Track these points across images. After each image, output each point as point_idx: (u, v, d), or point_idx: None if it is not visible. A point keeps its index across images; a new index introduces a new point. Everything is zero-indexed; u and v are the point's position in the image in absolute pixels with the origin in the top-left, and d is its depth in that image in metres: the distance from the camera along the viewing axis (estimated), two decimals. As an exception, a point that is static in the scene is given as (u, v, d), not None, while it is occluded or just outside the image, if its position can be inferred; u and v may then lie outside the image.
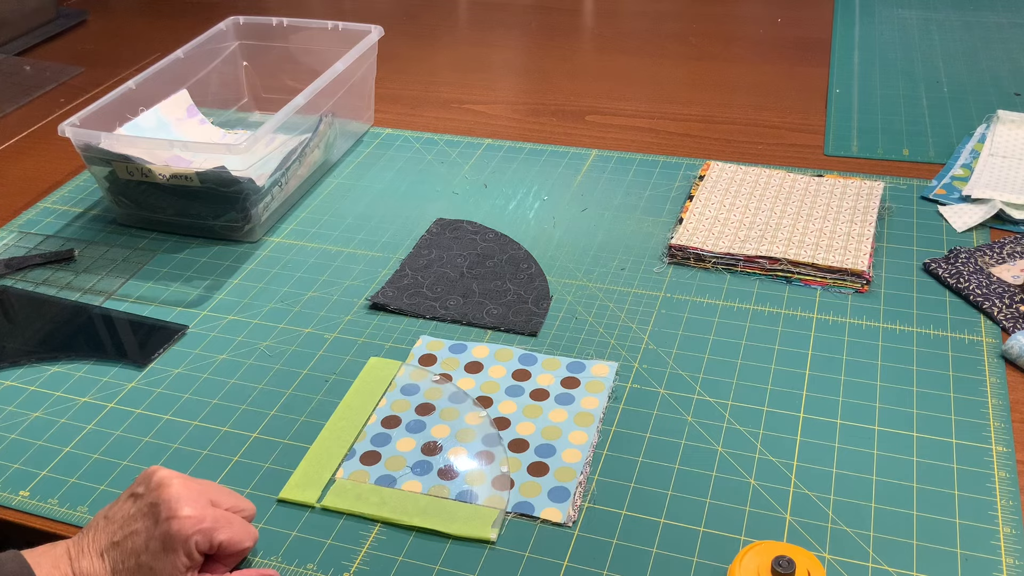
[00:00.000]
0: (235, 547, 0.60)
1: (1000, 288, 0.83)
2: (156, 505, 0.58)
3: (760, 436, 0.70)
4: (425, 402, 0.75)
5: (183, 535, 0.57)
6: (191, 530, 0.57)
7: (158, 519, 0.58)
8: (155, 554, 0.57)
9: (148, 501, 0.59)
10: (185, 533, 0.57)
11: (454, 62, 1.40)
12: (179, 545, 0.57)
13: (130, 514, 0.59)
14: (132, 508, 0.59)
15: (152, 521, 0.58)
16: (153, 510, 0.58)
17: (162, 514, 0.57)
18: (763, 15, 1.51)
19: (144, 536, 0.58)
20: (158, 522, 0.57)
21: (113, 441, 0.73)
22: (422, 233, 0.96)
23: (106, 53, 1.47)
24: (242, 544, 0.60)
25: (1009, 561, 0.60)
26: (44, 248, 0.97)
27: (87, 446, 0.73)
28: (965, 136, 1.09)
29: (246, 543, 0.61)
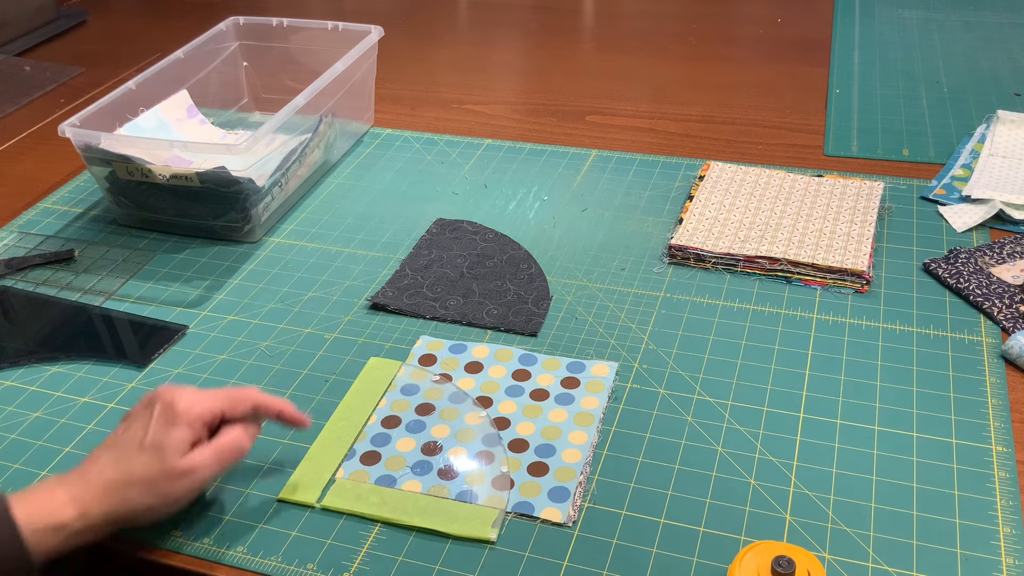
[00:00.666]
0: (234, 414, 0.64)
1: (1000, 288, 0.83)
2: (149, 402, 0.62)
3: (760, 436, 0.70)
4: (425, 402, 0.75)
5: (185, 406, 0.61)
6: (189, 402, 0.61)
7: (154, 408, 0.61)
8: (157, 431, 0.60)
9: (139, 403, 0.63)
10: (183, 405, 0.61)
11: (454, 62, 1.40)
12: (182, 416, 0.61)
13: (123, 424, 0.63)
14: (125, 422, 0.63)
15: (148, 413, 0.62)
16: (146, 407, 0.62)
17: (159, 400, 0.62)
18: (763, 15, 1.51)
19: (141, 425, 0.61)
20: (155, 411, 0.61)
21: (113, 441, 0.73)
22: (422, 233, 0.96)
23: (106, 53, 1.47)
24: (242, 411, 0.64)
25: (1009, 561, 0.60)
26: (44, 248, 0.97)
27: (87, 446, 0.73)
28: (965, 136, 1.09)
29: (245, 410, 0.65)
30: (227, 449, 0.62)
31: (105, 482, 0.59)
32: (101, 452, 0.61)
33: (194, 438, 0.61)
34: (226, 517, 0.66)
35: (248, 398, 0.64)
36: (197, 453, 0.61)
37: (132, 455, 0.60)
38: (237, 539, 0.64)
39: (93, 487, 0.59)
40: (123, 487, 0.59)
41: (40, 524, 0.57)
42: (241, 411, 0.64)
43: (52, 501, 0.58)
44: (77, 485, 0.59)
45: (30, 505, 0.57)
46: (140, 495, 0.59)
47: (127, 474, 0.59)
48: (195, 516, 0.66)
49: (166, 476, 0.60)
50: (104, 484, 0.59)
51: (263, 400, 0.65)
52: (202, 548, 0.64)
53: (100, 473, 0.60)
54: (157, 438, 0.60)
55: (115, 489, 0.59)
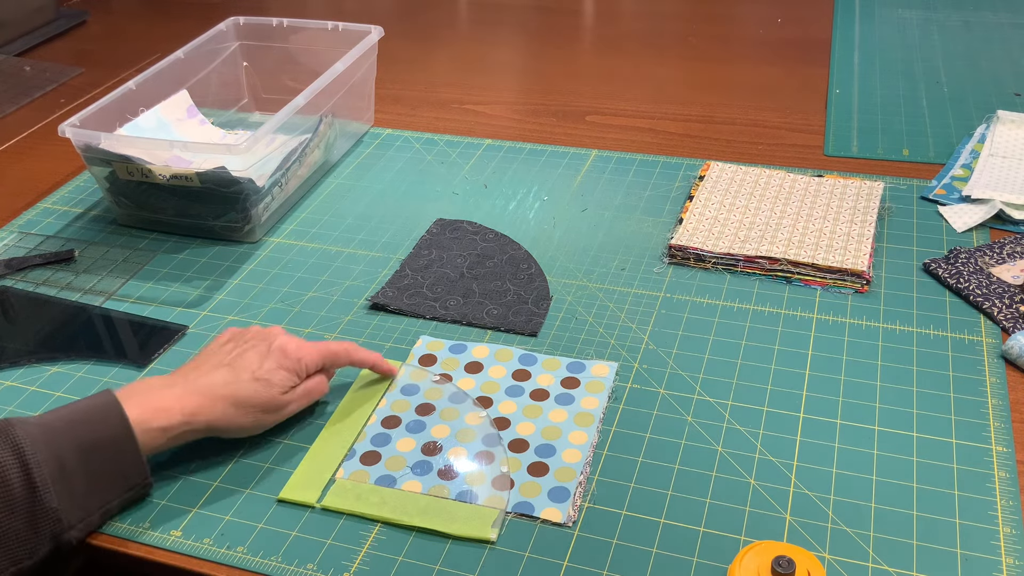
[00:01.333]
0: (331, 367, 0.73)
1: (1000, 288, 0.83)
2: (265, 339, 0.71)
3: (760, 436, 0.70)
4: (425, 402, 0.75)
5: (296, 355, 0.70)
6: (299, 351, 0.70)
7: (270, 346, 0.70)
8: (270, 370, 0.68)
9: (256, 336, 0.71)
10: (299, 354, 0.70)
11: (454, 62, 1.40)
12: (293, 364, 0.69)
13: (235, 347, 0.70)
14: (235, 345, 0.71)
15: (264, 348, 0.70)
16: (263, 342, 0.70)
17: (274, 343, 0.70)
18: (763, 15, 1.51)
19: (256, 357, 0.69)
20: (271, 348, 0.69)
21: (113, 441, 0.73)
22: (422, 233, 0.96)
23: (106, 53, 1.47)
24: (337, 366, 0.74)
25: (1009, 561, 0.60)
26: (44, 248, 0.97)
27: (87, 446, 0.73)
28: (965, 136, 1.09)
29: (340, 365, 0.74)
30: (314, 392, 0.72)
31: (215, 396, 0.66)
32: (210, 368, 0.68)
33: (296, 381, 0.70)
34: (226, 517, 0.66)
35: (345, 356, 0.73)
36: (293, 392, 0.70)
37: (244, 381, 0.67)
38: (237, 539, 0.64)
39: (202, 396, 0.66)
40: (230, 404, 0.67)
41: (151, 425, 0.63)
42: (337, 365, 0.74)
43: (162, 403, 0.64)
44: (187, 392, 0.66)
45: (142, 406, 0.64)
46: (241, 415, 0.67)
47: (236, 395, 0.67)
48: (195, 516, 0.66)
49: (267, 406, 0.68)
50: (214, 397, 0.66)
51: (359, 357, 0.74)
52: (202, 548, 0.64)
53: (211, 387, 0.67)
54: (269, 374, 0.68)
55: (222, 403, 0.66)
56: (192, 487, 0.68)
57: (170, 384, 0.67)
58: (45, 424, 0.60)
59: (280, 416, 0.70)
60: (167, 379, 0.68)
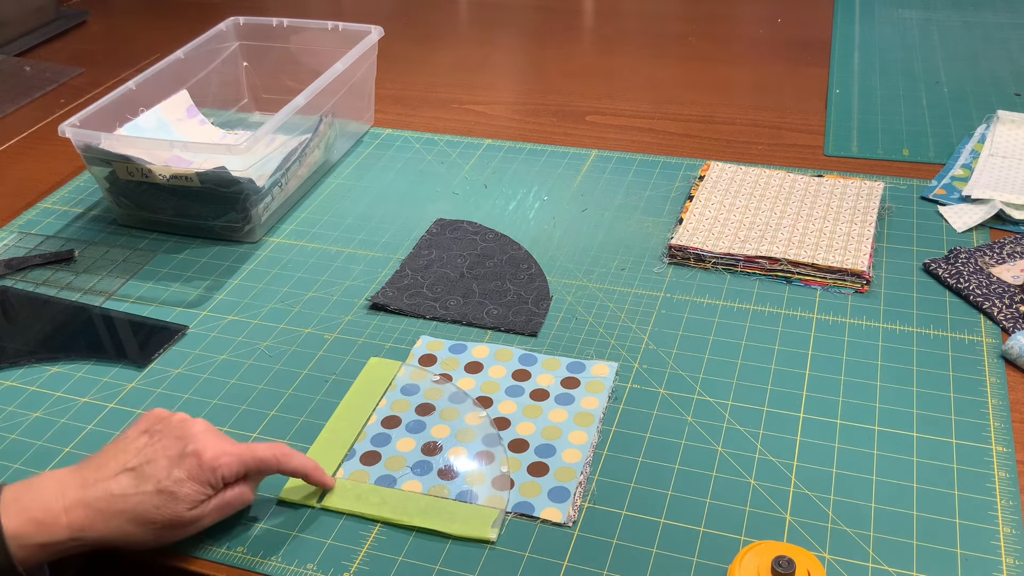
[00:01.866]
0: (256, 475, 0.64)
1: (1000, 288, 0.83)
2: (181, 439, 0.61)
3: (760, 436, 0.70)
4: (425, 402, 0.75)
5: (212, 464, 0.60)
6: (216, 458, 0.60)
7: (183, 450, 0.60)
8: (178, 481, 0.59)
9: (171, 435, 0.61)
10: (215, 464, 0.60)
11: (454, 62, 1.40)
12: (207, 474, 0.60)
13: (147, 444, 0.61)
14: (149, 440, 0.62)
15: (176, 451, 0.60)
16: (177, 443, 0.61)
17: (188, 446, 0.61)
18: (763, 15, 1.51)
19: (166, 464, 0.60)
20: (183, 453, 0.60)
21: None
22: (422, 233, 0.96)
23: (106, 53, 1.47)
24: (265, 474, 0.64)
25: (1009, 561, 0.60)
26: (44, 248, 0.97)
27: (87, 446, 0.73)
28: (965, 136, 1.09)
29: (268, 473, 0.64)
30: (232, 504, 0.63)
31: (110, 510, 0.59)
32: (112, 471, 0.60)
33: (208, 494, 0.61)
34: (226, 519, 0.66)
35: (274, 464, 0.63)
36: (204, 505, 0.61)
37: (147, 492, 0.59)
38: (237, 539, 0.64)
39: (94, 510, 0.58)
40: (126, 520, 0.59)
41: (30, 540, 0.56)
42: (263, 474, 0.64)
43: (46, 515, 0.57)
44: (79, 503, 0.58)
45: (21, 516, 0.57)
46: (139, 530, 0.59)
47: (134, 509, 0.59)
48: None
49: (171, 523, 0.60)
50: (108, 511, 0.59)
51: (291, 466, 0.64)
52: (202, 549, 0.64)
53: (107, 499, 0.59)
54: (175, 487, 0.59)
55: (118, 519, 0.59)
56: (192, 487, 0.68)
57: (62, 490, 0.59)
58: None
59: (187, 532, 0.62)
60: (65, 478, 0.60)
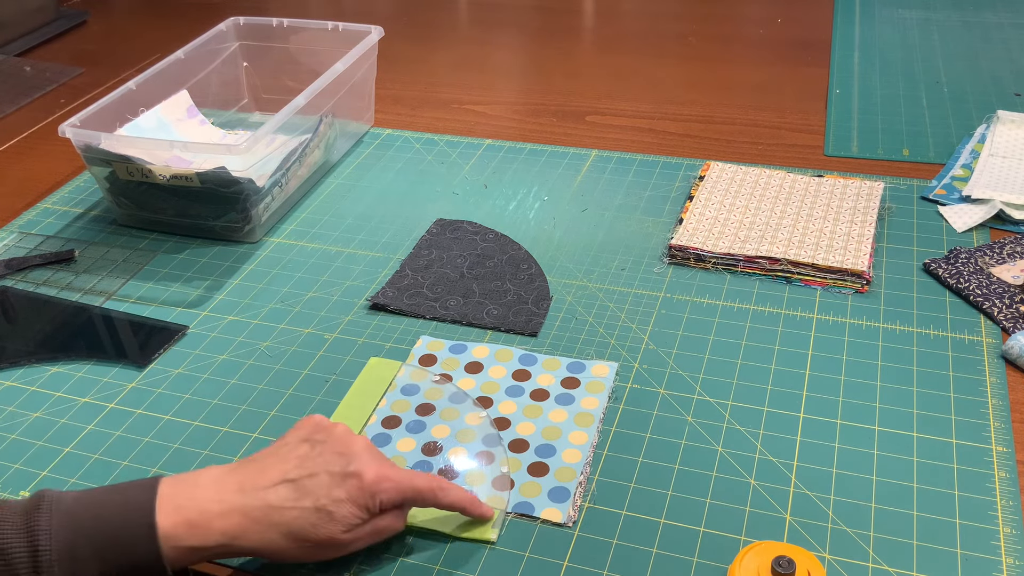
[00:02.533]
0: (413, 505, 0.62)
1: (1000, 288, 0.83)
2: (344, 455, 0.59)
3: (760, 436, 0.70)
4: (425, 402, 0.75)
5: (373, 489, 0.58)
6: (378, 484, 0.58)
7: (346, 468, 0.58)
8: (337, 501, 0.57)
9: (333, 449, 0.59)
10: (375, 488, 0.58)
11: (454, 62, 1.40)
12: (366, 499, 0.58)
13: (308, 455, 0.59)
14: (310, 451, 0.59)
15: (339, 469, 0.58)
16: (340, 459, 0.58)
17: (351, 465, 0.58)
18: (763, 15, 1.51)
19: (327, 481, 0.57)
20: (346, 472, 0.58)
21: (113, 441, 0.73)
22: (422, 233, 0.96)
23: (106, 54, 1.47)
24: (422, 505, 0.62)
25: (1009, 561, 0.60)
26: (44, 249, 0.97)
27: (87, 446, 0.73)
28: (965, 136, 1.09)
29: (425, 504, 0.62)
30: (384, 532, 0.61)
31: (265, 520, 0.57)
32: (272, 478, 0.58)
33: (364, 518, 0.59)
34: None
35: (431, 498, 0.61)
36: (359, 529, 0.59)
37: (305, 508, 0.57)
38: (237, 539, 0.64)
39: (251, 519, 0.57)
40: (279, 533, 0.57)
41: (182, 543, 0.55)
42: (420, 505, 0.62)
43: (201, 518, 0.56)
44: (235, 510, 0.56)
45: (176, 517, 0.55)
46: (292, 546, 0.57)
47: (290, 524, 0.57)
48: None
49: (325, 543, 0.58)
50: (264, 522, 0.57)
51: (448, 501, 0.62)
52: (202, 548, 0.64)
53: (264, 509, 0.57)
54: (334, 507, 0.57)
55: (272, 531, 0.57)
56: (192, 487, 0.68)
57: (220, 493, 0.57)
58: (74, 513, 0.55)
59: (338, 554, 0.59)
60: (223, 481, 0.58)
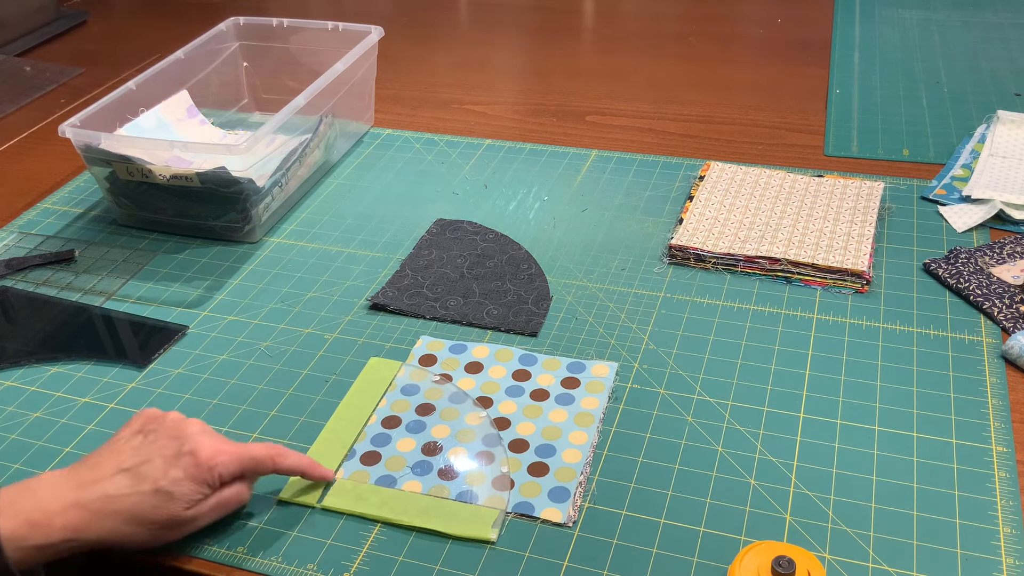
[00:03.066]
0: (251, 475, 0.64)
1: (1000, 288, 0.83)
2: (177, 438, 0.61)
3: (760, 436, 0.70)
4: (425, 402, 0.75)
5: (209, 463, 0.61)
6: (212, 457, 0.61)
7: (180, 449, 0.61)
8: (175, 481, 0.60)
9: (166, 435, 0.62)
10: (211, 463, 0.61)
11: (454, 62, 1.40)
12: (204, 474, 0.60)
13: (142, 444, 0.61)
14: (144, 439, 0.62)
15: (172, 451, 0.61)
16: (173, 442, 0.61)
17: (185, 445, 0.61)
18: (763, 15, 1.51)
19: (162, 464, 0.60)
20: (180, 452, 0.61)
21: (113, 441, 0.73)
22: (422, 233, 0.96)
23: (106, 54, 1.47)
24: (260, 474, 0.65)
25: (1009, 561, 0.60)
26: (44, 249, 0.97)
27: (87, 446, 0.73)
28: (965, 136, 1.09)
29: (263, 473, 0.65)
30: (229, 504, 0.63)
31: (106, 511, 0.59)
32: (108, 471, 0.60)
33: (205, 492, 0.61)
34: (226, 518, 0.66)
35: (270, 464, 0.64)
36: (201, 505, 0.61)
37: (144, 492, 0.59)
38: (238, 539, 0.64)
39: (89, 511, 0.58)
40: (122, 521, 0.59)
41: (26, 543, 0.56)
42: (259, 473, 0.65)
43: (41, 517, 0.57)
44: (74, 504, 0.58)
45: (17, 519, 0.57)
46: (136, 530, 0.60)
47: (130, 509, 0.59)
48: (195, 516, 0.66)
49: (168, 523, 0.60)
50: (104, 512, 0.59)
51: (286, 465, 0.65)
52: (202, 548, 0.64)
53: (103, 500, 0.59)
54: (172, 486, 0.60)
55: (113, 519, 0.59)
56: (192, 487, 0.68)
57: (57, 492, 0.58)
58: None
59: (185, 531, 0.62)
60: (60, 480, 0.60)
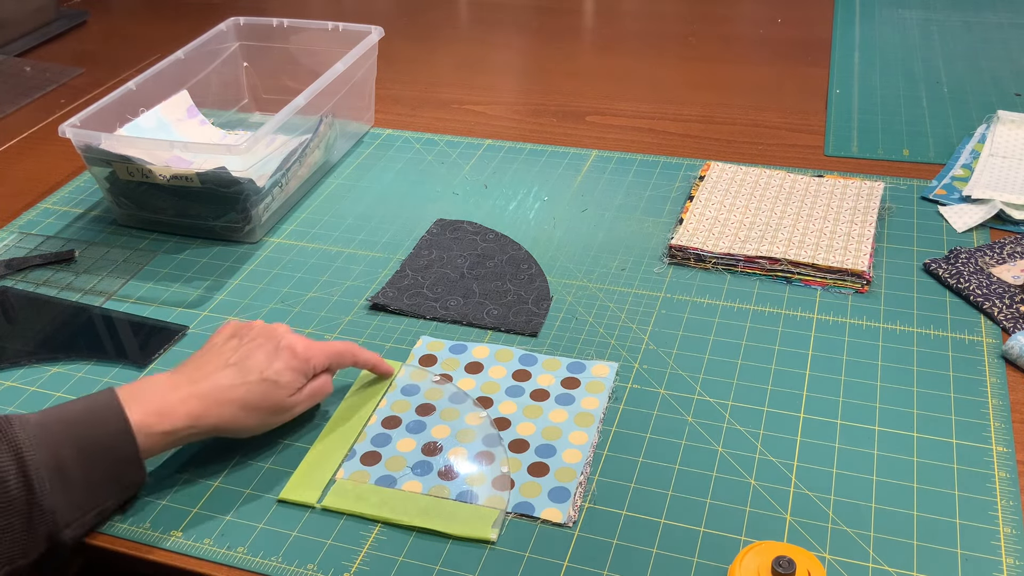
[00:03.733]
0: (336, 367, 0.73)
1: (1000, 288, 0.83)
2: (271, 337, 0.69)
3: (760, 436, 0.70)
4: (425, 402, 0.75)
5: (305, 355, 0.69)
6: (307, 351, 0.69)
7: (278, 344, 0.68)
8: (278, 371, 0.67)
9: (261, 335, 0.69)
10: (307, 355, 0.69)
11: (454, 63, 1.40)
12: (301, 364, 0.68)
13: (239, 345, 0.69)
14: (240, 342, 0.69)
15: (271, 347, 0.68)
16: (269, 340, 0.69)
17: (281, 341, 0.69)
18: (763, 15, 1.51)
19: (264, 357, 0.67)
20: (278, 347, 0.68)
21: (113, 442, 0.73)
22: (422, 234, 0.96)
23: (107, 54, 1.47)
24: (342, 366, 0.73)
25: (1009, 561, 0.60)
26: (45, 249, 0.97)
27: (87, 447, 0.73)
28: (965, 136, 1.09)
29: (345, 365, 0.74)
30: (320, 393, 0.71)
31: (222, 399, 0.65)
32: (215, 367, 0.67)
33: (303, 382, 0.69)
34: (226, 517, 0.66)
35: (350, 356, 0.73)
36: (300, 393, 0.69)
37: (253, 382, 0.66)
38: (237, 539, 0.64)
39: (208, 400, 0.65)
40: (237, 407, 0.66)
41: (153, 429, 0.62)
42: (342, 366, 0.73)
43: (166, 407, 0.63)
44: (192, 395, 0.65)
45: (144, 409, 0.63)
46: (248, 416, 0.67)
47: (244, 398, 0.66)
48: (195, 516, 0.66)
49: (275, 408, 0.68)
50: (220, 400, 0.65)
51: (362, 358, 0.74)
52: (202, 548, 0.64)
53: (218, 390, 0.65)
54: (277, 375, 0.67)
55: (229, 407, 0.65)
56: (192, 487, 0.68)
57: (174, 385, 0.65)
58: (45, 424, 0.60)
59: (286, 417, 0.70)
60: (171, 378, 0.66)
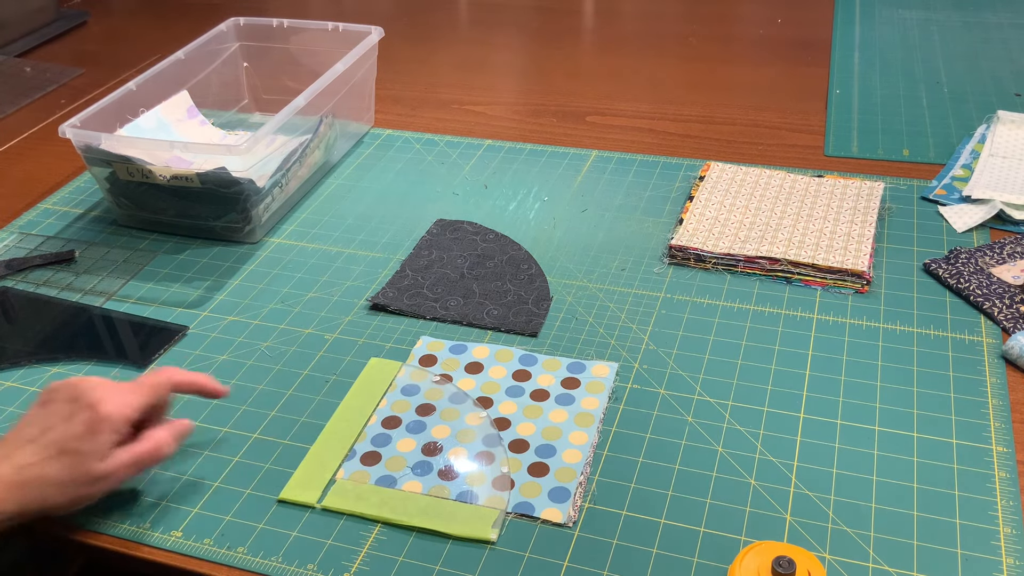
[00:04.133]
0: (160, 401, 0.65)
1: (1000, 288, 0.83)
2: (74, 399, 0.61)
3: (760, 436, 0.70)
4: (425, 403, 0.75)
5: (107, 411, 0.61)
6: (113, 404, 0.61)
7: (77, 407, 0.61)
8: (77, 438, 0.60)
9: (63, 399, 0.62)
10: (109, 407, 0.61)
11: (454, 63, 1.40)
12: (105, 422, 0.60)
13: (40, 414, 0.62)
14: (42, 410, 0.62)
15: (69, 412, 0.61)
16: (69, 405, 0.61)
17: (81, 401, 0.61)
18: (763, 15, 1.51)
19: (63, 427, 0.60)
20: (77, 410, 0.60)
21: (114, 442, 0.73)
22: (422, 234, 0.96)
23: (107, 54, 1.47)
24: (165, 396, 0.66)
25: (1009, 561, 0.60)
26: (45, 249, 0.97)
27: (88, 447, 0.73)
28: (965, 136, 1.09)
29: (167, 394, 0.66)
30: (146, 457, 0.63)
31: (20, 480, 0.59)
32: (14, 446, 0.60)
33: (117, 441, 0.62)
34: (226, 517, 0.66)
35: (167, 383, 0.66)
36: (116, 458, 0.61)
37: (52, 457, 0.59)
38: (237, 539, 0.64)
39: (6, 484, 0.59)
40: (39, 487, 0.59)
41: None
42: (164, 397, 0.66)
43: None
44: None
45: None
46: (55, 494, 0.60)
47: (43, 476, 0.59)
48: (195, 516, 0.66)
49: (84, 481, 0.60)
50: (19, 482, 0.59)
51: (180, 380, 0.67)
52: (202, 548, 0.64)
53: (13, 472, 0.59)
54: (78, 444, 0.60)
55: (30, 487, 0.59)
56: (192, 487, 0.68)
57: None
58: None
59: (107, 488, 0.62)
60: None
